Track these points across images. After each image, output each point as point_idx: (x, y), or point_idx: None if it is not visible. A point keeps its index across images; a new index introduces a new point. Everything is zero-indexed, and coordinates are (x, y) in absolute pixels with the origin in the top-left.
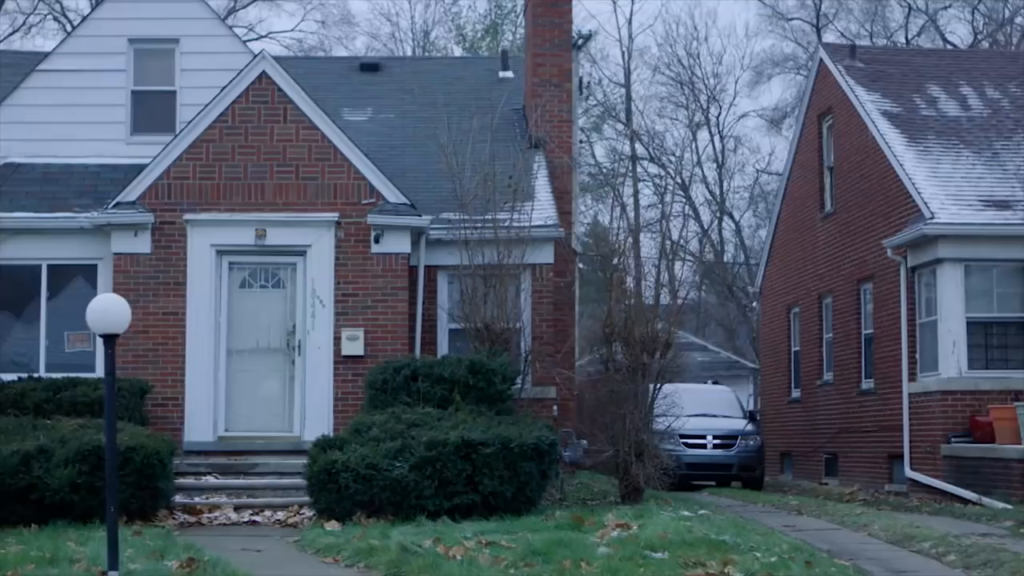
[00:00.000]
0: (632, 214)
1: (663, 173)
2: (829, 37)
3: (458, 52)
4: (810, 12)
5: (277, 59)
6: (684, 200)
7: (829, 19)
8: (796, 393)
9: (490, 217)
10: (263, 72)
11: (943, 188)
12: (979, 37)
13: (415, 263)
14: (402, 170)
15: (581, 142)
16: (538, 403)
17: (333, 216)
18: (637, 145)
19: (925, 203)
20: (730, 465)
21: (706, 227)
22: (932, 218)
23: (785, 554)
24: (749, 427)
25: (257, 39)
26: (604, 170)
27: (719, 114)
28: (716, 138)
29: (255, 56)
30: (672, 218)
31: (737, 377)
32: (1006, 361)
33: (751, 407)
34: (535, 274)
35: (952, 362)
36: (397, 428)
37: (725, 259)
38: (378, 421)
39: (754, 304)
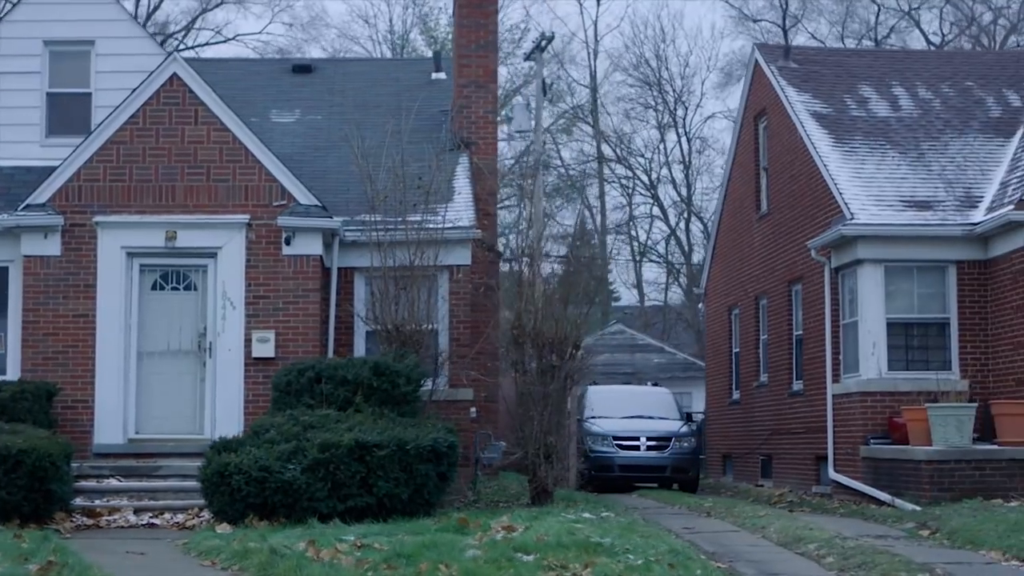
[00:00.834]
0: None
1: (631, 174)
2: (799, 39)
3: (429, 54)
4: (778, 14)
5: (200, 61)
6: (652, 201)
7: (798, 19)
8: (736, 395)
9: (403, 219)
10: (174, 74)
11: (865, 189)
12: (946, 37)
13: (329, 265)
14: (324, 171)
15: (545, 144)
16: (452, 405)
17: (244, 218)
18: (605, 147)
19: (846, 204)
20: (664, 467)
21: (673, 228)
22: (852, 219)
23: (657, 556)
24: (684, 429)
25: (224, 42)
26: (571, 172)
27: (685, 115)
28: (683, 139)
29: (167, 58)
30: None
31: (693, 379)
32: (926, 362)
33: (703, 408)
34: (452, 275)
35: (872, 363)
36: (293, 430)
37: (693, 260)
38: (276, 423)
39: (700, 305)
